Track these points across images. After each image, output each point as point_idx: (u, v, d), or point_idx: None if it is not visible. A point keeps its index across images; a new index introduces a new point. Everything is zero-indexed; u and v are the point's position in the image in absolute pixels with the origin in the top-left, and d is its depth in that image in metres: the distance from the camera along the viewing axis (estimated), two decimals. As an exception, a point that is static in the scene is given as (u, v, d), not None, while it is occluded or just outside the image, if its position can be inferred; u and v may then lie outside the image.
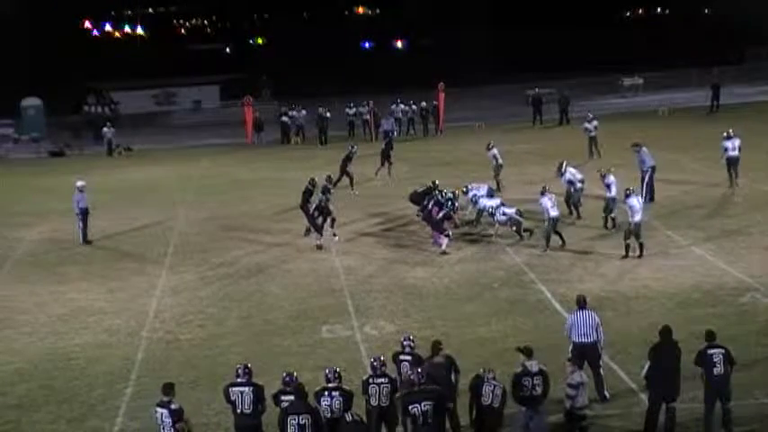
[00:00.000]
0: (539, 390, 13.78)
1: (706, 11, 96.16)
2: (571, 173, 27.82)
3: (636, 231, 23.44)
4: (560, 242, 24.97)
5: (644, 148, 29.72)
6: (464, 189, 28.31)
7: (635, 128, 43.92)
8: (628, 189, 24.16)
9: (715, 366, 14.09)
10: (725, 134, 30.96)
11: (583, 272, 22.97)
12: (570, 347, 15.88)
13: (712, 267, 22.62)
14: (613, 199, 26.06)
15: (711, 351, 14.21)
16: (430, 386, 13.47)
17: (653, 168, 29.43)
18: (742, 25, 76.52)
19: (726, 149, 30.64)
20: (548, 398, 13.97)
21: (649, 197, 28.77)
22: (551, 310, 20.50)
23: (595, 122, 38.92)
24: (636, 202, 23.51)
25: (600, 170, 27.24)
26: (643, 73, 63.51)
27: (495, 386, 13.62)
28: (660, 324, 15.09)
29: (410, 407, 13.14)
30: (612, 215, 26.36)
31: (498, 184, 32.21)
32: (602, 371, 15.88)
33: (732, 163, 30.55)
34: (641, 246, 23.60)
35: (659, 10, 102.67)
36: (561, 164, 27.99)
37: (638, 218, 23.30)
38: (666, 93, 58.03)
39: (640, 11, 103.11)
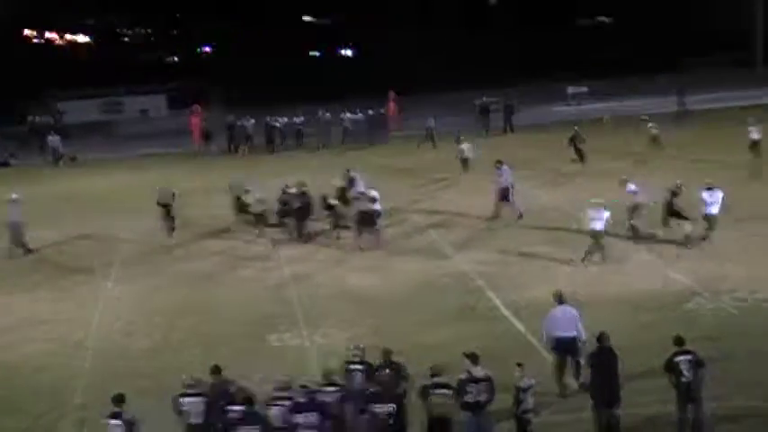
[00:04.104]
0: (484, 396, 13.83)
1: (647, 19, 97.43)
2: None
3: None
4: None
5: (505, 166, 29.39)
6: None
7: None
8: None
9: (682, 374, 14.21)
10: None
11: (532, 278, 23.10)
12: (544, 341, 16.35)
13: (659, 273, 22.87)
14: (636, 206, 25.51)
15: (679, 358, 14.31)
16: (394, 389, 13.71)
17: (512, 186, 29.03)
18: (681, 36, 77.77)
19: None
20: (494, 402, 14.02)
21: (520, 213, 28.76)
22: (500, 316, 20.61)
23: (651, 123, 39.36)
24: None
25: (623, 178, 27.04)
26: (588, 81, 64.20)
27: (442, 395, 13.63)
28: (608, 330, 15.23)
29: (373, 406, 13.39)
30: (633, 222, 25.76)
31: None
32: (581, 360, 16.10)
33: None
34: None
35: (600, 19, 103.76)
36: None
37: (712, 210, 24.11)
38: (611, 101, 58.68)
39: (584, 19, 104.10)
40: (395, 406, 13.31)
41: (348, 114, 50.60)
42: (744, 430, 14.53)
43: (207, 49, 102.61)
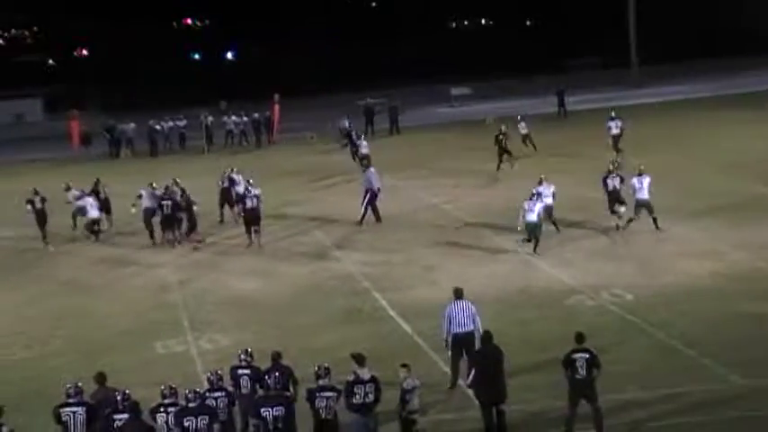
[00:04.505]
0: (371, 397, 13.89)
1: (528, 23, 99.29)
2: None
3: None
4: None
5: (372, 169, 29.68)
6: None
7: (462, 137, 45.17)
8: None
9: (577, 371, 14.43)
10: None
11: (415, 279, 23.30)
12: (446, 337, 16.40)
13: (539, 271, 23.31)
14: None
15: (576, 355, 14.51)
16: (282, 392, 13.59)
17: (379, 190, 29.24)
18: (564, 37, 79.52)
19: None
20: (381, 404, 14.09)
21: (375, 218, 28.96)
22: (386, 317, 20.72)
23: (523, 123, 40.37)
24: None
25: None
26: (471, 83, 65.09)
27: (327, 398, 13.63)
28: (487, 328, 15.47)
29: (262, 410, 13.22)
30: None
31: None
32: None
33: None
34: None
35: (484, 21, 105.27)
36: None
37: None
38: (493, 102, 59.61)
39: (466, 22, 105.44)
40: (283, 409, 13.26)
41: (233, 117, 50.24)
42: (624, 422, 14.89)
43: (84, 51, 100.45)
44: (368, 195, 29.01)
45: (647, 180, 25.55)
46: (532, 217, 24.29)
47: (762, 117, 43.26)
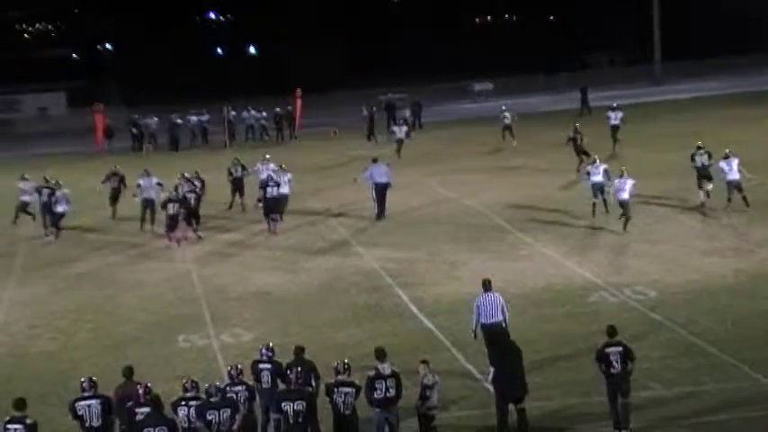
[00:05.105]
0: (392, 392, 13.91)
1: (551, 18, 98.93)
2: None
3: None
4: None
5: (377, 163, 29.56)
6: None
7: (486, 132, 45.08)
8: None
9: (612, 365, 14.40)
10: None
11: (439, 275, 23.26)
12: (475, 328, 16.64)
13: (562, 268, 23.24)
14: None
15: (609, 350, 14.50)
16: (303, 387, 13.62)
17: (388, 185, 29.13)
18: (585, 33, 79.27)
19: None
20: (402, 399, 14.10)
21: (378, 211, 28.99)
22: (408, 314, 20.70)
23: (508, 113, 41.55)
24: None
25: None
26: (493, 78, 64.97)
27: (346, 393, 13.65)
28: (511, 323, 15.46)
29: (283, 404, 13.25)
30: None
31: None
32: None
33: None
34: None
35: (507, 17, 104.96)
36: None
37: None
38: (515, 97, 59.50)
39: (488, 17, 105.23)
40: (304, 404, 13.28)
41: (252, 112, 50.32)
42: (647, 419, 14.83)
43: (108, 46, 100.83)
44: (372, 190, 29.04)
45: (735, 161, 26.98)
46: (624, 195, 25.66)
47: None
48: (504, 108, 42.09)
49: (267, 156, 32.57)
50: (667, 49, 64.58)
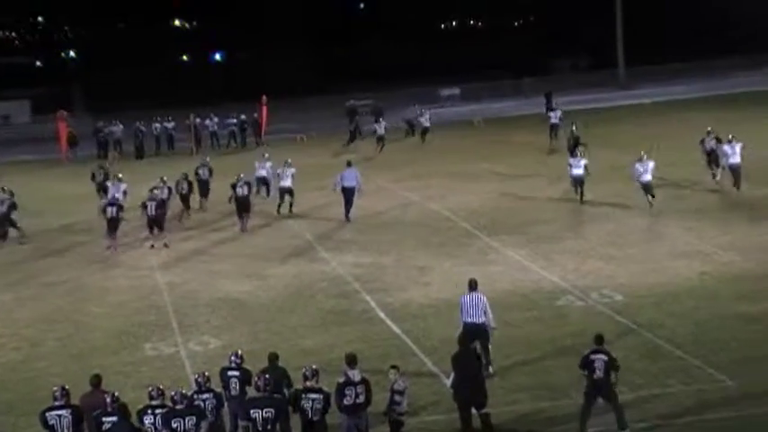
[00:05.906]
0: (362, 398, 13.90)
1: (516, 24, 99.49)
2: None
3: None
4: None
5: (353, 167, 29.89)
6: None
7: (455, 136, 45.20)
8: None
9: (595, 372, 14.52)
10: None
11: (407, 281, 23.28)
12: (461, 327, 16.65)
13: (529, 272, 23.34)
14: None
15: (594, 357, 14.62)
16: (273, 395, 13.53)
17: (355, 189, 29.35)
18: (549, 37, 79.73)
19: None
20: (371, 405, 14.10)
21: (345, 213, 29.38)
22: (376, 319, 20.70)
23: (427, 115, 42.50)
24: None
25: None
26: (459, 84, 65.17)
27: (313, 399, 13.62)
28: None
29: (252, 411, 13.15)
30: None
31: None
32: (490, 346, 16.83)
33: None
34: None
35: (472, 22, 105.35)
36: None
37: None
38: (482, 103, 59.69)
39: (454, 23, 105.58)
40: (273, 411, 13.23)
41: (216, 119, 50.24)
42: (612, 422, 14.92)
43: (71, 53, 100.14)
44: (341, 193, 29.53)
45: (738, 145, 29.16)
46: (647, 177, 27.84)
47: (746, 117, 43.28)
48: (420, 111, 45.91)
49: (266, 155, 34.05)
50: (635, 53, 65.07)
